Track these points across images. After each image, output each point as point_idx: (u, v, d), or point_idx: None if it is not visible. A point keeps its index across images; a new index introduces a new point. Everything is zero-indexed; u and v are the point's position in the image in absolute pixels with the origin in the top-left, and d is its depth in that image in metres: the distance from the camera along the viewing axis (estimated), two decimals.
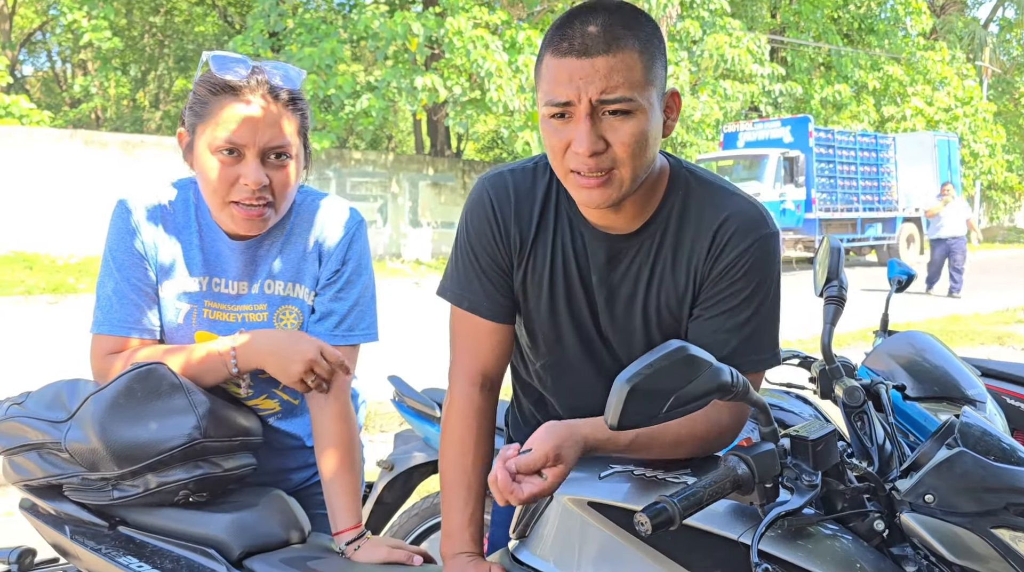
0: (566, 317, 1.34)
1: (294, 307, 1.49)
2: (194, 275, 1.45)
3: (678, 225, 1.27)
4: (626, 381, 0.94)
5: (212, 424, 1.32)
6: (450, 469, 1.33)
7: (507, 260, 1.33)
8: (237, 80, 1.34)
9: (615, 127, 1.13)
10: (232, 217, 1.37)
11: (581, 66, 1.10)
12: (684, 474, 1.17)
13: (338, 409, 1.45)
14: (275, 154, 1.36)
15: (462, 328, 1.35)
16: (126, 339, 1.41)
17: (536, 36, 15.61)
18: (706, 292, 1.26)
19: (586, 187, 1.17)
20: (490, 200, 1.32)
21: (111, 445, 1.24)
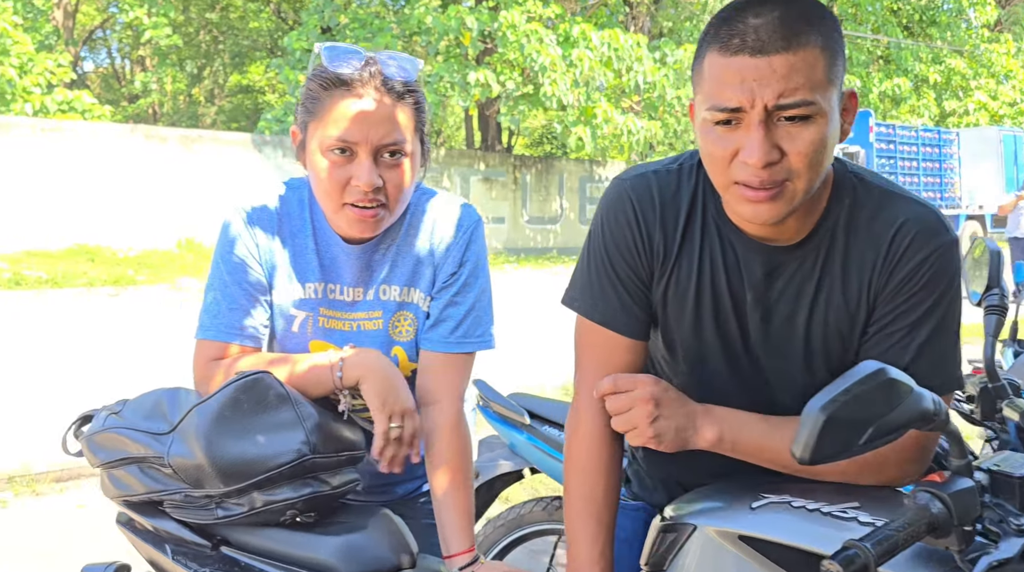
0: (712, 335, 1.21)
1: (409, 313, 1.40)
2: (310, 281, 1.37)
3: (846, 235, 1.13)
4: (820, 409, 0.82)
5: (321, 439, 1.23)
6: (577, 499, 1.22)
7: (648, 271, 1.21)
8: (349, 73, 1.25)
9: (792, 135, 1.00)
10: (347, 219, 1.29)
11: (756, 65, 0.97)
12: (853, 508, 1.04)
13: (452, 420, 1.36)
14: (389, 152, 1.26)
15: (592, 343, 1.23)
16: (230, 345, 1.33)
17: (591, 30, 15.43)
18: (882, 308, 1.12)
19: (753, 201, 1.03)
20: (632, 204, 1.20)
21: (217, 461, 1.16)
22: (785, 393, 1.22)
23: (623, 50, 15.55)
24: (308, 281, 1.37)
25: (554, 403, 2.35)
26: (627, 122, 15.91)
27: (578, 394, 1.25)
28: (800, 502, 1.07)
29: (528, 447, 2.25)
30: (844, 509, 1.04)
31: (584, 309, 1.23)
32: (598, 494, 1.21)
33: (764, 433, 1.12)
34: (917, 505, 0.90)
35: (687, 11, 18.41)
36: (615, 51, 15.46)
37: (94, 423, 1.29)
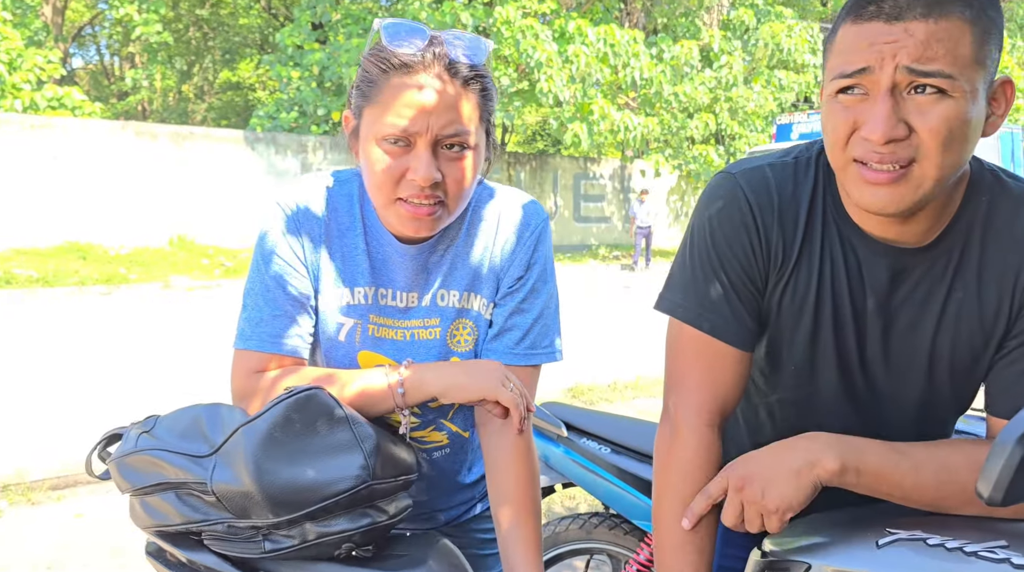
0: (830, 348, 1.09)
1: (469, 321, 1.26)
2: (360, 285, 1.22)
3: (983, 238, 1.01)
4: (1018, 442, 0.70)
5: (380, 462, 1.09)
6: (676, 526, 1.09)
7: (763, 276, 1.08)
8: (410, 54, 1.10)
9: (924, 109, 0.89)
10: (399, 216, 1.14)
11: (890, 30, 0.88)
12: (1002, 548, 0.91)
13: (522, 445, 1.22)
14: (449, 144, 1.12)
15: (697, 354, 1.10)
16: (274, 357, 1.19)
17: (586, 25, 15.31)
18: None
19: (873, 183, 0.92)
20: (748, 201, 1.07)
21: (267, 489, 1.03)
22: (898, 412, 1.11)
23: (619, 46, 15.44)
24: (357, 285, 1.23)
25: (591, 413, 2.23)
26: (624, 118, 15.80)
27: (678, 411, 1.11)
28: (936, 540, 0.95)
29: (565, 461, 2.12)
30: (992, 548, 0.91)
31: (690, 317, 1.10)
32: (700, 524, 1.08)
33: (890, 461, 0.99)
34: None
35: (682, 6, 18.29)
36: (611, 47, 15.35)
37: (124, 443, 1.15)
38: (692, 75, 16.80)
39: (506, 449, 1.22)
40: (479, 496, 1.44)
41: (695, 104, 17.12)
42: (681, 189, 20.95)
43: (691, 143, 18.54)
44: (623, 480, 2.01)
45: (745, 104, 17.72)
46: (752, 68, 18.38)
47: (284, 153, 15.74)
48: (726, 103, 17.82)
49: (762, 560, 1.09)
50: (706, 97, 17.10)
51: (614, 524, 2.14)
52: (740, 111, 17.92)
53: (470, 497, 1.42)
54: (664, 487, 1.11)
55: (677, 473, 1.10)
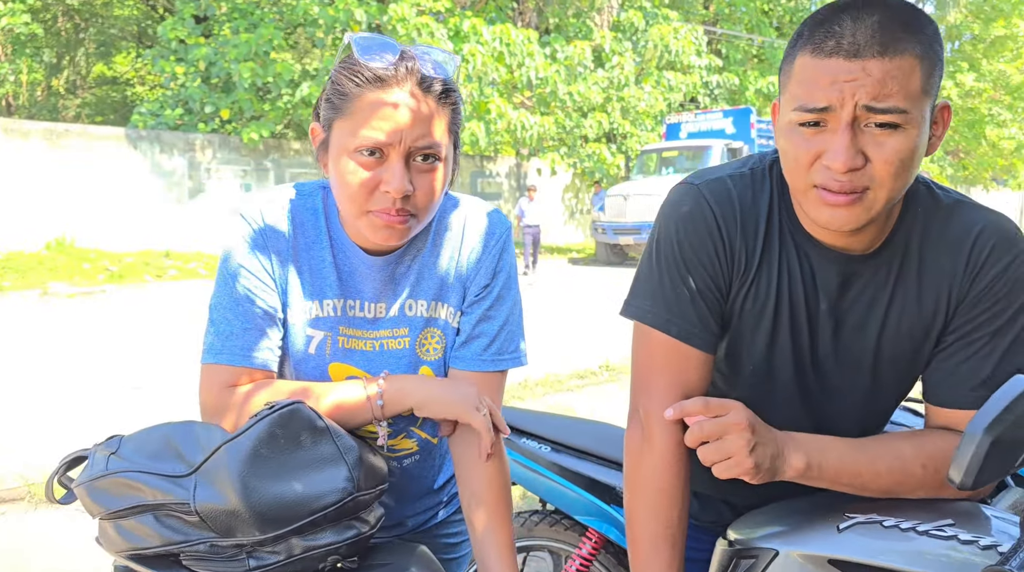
0: (787, 349, 1.17)
1: (437, 330, 1.28)
2: (328, 298, 1.23)
3: (921, 244, 1.12)
4: (985, 431, 0.78)
5: (363, 474, 1.10)
6: (650, 524, 1.15)
7: (727, 282, 1.15)
8: (383, 68, 1.12)
9: (879, 142, 0.98)
10: (372, 225, 1.15)
11: (850, 68, 0.95)
12: (948, 525, 1.02)
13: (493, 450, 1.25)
14: (422, 156, 1.14)
15: (666, 359, 1.16)
16: (245, 371, 1.18)
17: (481, 24, 15.38)
18: (962, 316, 1.11)
19: (831, 205, 1.01)
20: (712, 211, 1.14)
21: (255, 505, 1.02)
22: (845, 406, 1.20)
23: (515, 45, 15.59)
24: (326, 297, 1.23)
25: (530, 414, 2.27)
26: (520, 117, 15.97)
27: (647, 413, 1.17)
28: (891, 521, 1.04)
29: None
30: (940, 527, 1.01)
31: (658, 322, 1.16)
32: (673, 518, 1.15)
33: (847, 456, 1.09)
34: None
35: (574, 7, 18.64)
36: (507, 46, 15.48)
37: (92, 467, 1.10)
38: (585, 75, 17.16)
39: (477, 455, 1.24)
40: (445, 501, 1.46)
41: (589, 103, 17.49)
42: (576, 187, 21.36)
43: (585, 142, 18.93)
44: (564, 477, 2.06)
45: (636, 104, 18.25)
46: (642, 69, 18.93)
47: (170, 151, 15.08)
48: (618, 103, 18.29)
49: (729, 549, 1.16)
50: (599, 97, 17.50)
51: (554, 521, 2.20)
52: (632, 110, 18.44)
53: (437, 502, 1.44)
54: (636, 486, 1.17)
55: (649, 472, 1.15)
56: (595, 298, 11.25)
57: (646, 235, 16.12)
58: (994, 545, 0.98)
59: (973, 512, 1.07)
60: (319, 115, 1.19)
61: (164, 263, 13.50)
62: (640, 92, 18.33)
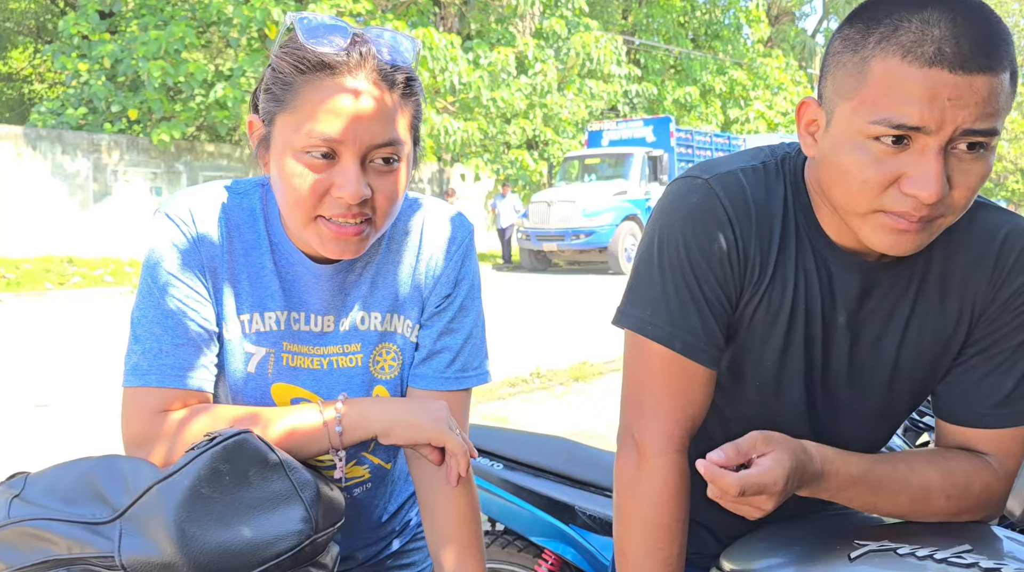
0: (800, 363, 1.05)
1: (393, 346, 1.14)
2: (270, 310, 1.07)
3: (944, 249, 1.01)
4: None
5: (321, 512, 0.96)
6: (647, 561, 1.02)
7: (738, 291, 1.03)
8: (333, 54, 0.96)
9: (966, 168, 0.86)
10: (320, 235, 1.00)
11: (955, 83, 0.81)
12: (967, 552, 0.94)
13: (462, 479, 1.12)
14: (382, 157, 1.00)
15: (668, 375, 1.03)
16: (179, 393, 1.01)
17: (403, 28, 15.15)
18: (984, 328, 1.02)
19: (899, 231, 0.89)
20: (725, 210, 1.00)
21: (196, 557, 0.86)
22: (852, 424, 1.11)
23: (437, 50, 15.42)
24: (267, 310, 1.07)
25: (481, 429, 2.15)
26: (443, 123, 15.81)
27: (645, 437, 1.04)
28: (906, 549, 0.96)
29: None
30: (959, 554, 0.93)
31: (661, 336, 1.02)
32: (672, 556, 1.03)
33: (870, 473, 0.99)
34: None
35: (496, 13, 18.61)
36: (430, 50, 15.30)
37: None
38: (509, 81, 17.12)
39: (444, 483, 1.11)
40: (398, 531, 1.32)
41: (512, 110, 17.46)
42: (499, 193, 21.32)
43: (508, 148, 18.90)
44: (519, 496, 1.95)
45: (559, 111, 18.33)
46: (564, 76, 19.04)
47: (73, 153, 14.30)
48: (541, 109, 18.33)
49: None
50: (522, 103, 17.49)
51: (507, 542, 2.08)
52: (554, 118, 18.51)
53: (389, 532, 1.30)
54: (630, 520, 1.04)
55: (647, 504, 1.03)
56: (521, 305, 11.18)
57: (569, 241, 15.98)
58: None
59: (988, 535, 1.00)
60: (257, 106, 1.03)
61: (67, 270, 12.75)
62: (563, 99, 18.42)
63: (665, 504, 1.02)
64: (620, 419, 1.10)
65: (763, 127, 24.56)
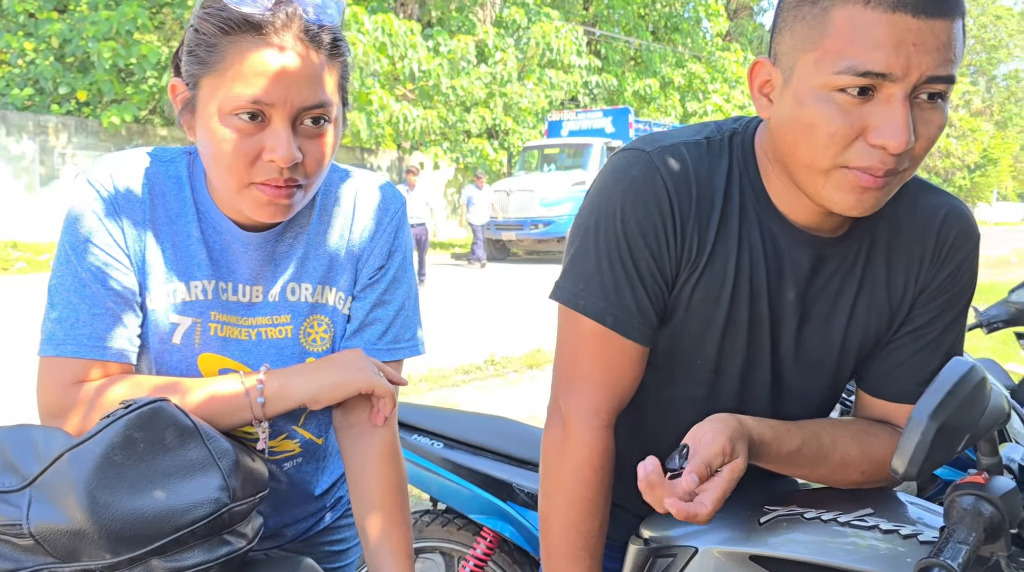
0: (743, 341, 1.03)
1: (324, 317, 1.14)
2: (196, 279, 1.05)
3: (890, 225, 1.01)
4: (930, 417, 0.73)
5: (240, 481, 0.96)
6: (568, 532, 1.04)
7: (675, 269, 1.00)
8: (259, 13, 0.94)
9: (927, 117, 0.85)
10: (254, 201, 0.99)
11: (918, 27, 0.80)
12: (869, 515, 0.98)
13: (386, 447, 1.13)
14: (312, 118, 0.99)
15: (599, 351, 1.02)
16: (97, 364, 1.00)
17: (362, 13, 15.00)
18: (922, 305, 1.03)
19: (863, 188, 0.87)
20: (665, 186, 0.97)
21: (106, 524, 0.85)
22: (797, 404, 1.10)
23: (397, 36, 15.31)
24: (194, 278, 1.06)
25: (421, 409, 2.15)
26: (403, 110, 15.70)
27: (571, 412, 1.04)
28: (812, 513, 0.99)
29: None
30: (860, 517, 0.97)
31: (593, 310, 1.00)
32: (594, 529, 1.04)
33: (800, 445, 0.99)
34: (967, 510, 0.85)
35: (457, 1, 18.52)
36: (389, 37, 15.18)
37: None
38: (468, 70, 17.07)
39: (371, 453, 1.12)
40: (329, 506, 1.32)
41: (472, 98, 17.42)
42: (459, 182, 21.25)
43: (467, 137, 18.85)
44: (458, 474, 1.96)
45: (519, 100, 18.32)
46: (524, 66, 19.03)
47: (18, 134, 13.90)
48: (501, 98, 18.31)
49: (645, 548, 1.08)
50: (482, 92, 17.46)
51: (447, 520, 2.09)
52: (514, 107, 18.50)
53: (320, 508, 1.30)
54: (554, 494, 1.05)
55: (571, 477, 1.03)
56: (479, 293, 11.19)
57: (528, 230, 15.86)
58: (915, 534, 0.95)
59: (891, 500, 1.04)
60: (179, 69, 1.01)
61: (11, 255, 12.42)
62: (523, 89, 18.42)
63: (587, 479, 1.03)
64: (550, 392, 1.10)
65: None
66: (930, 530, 0.96)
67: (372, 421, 1.11)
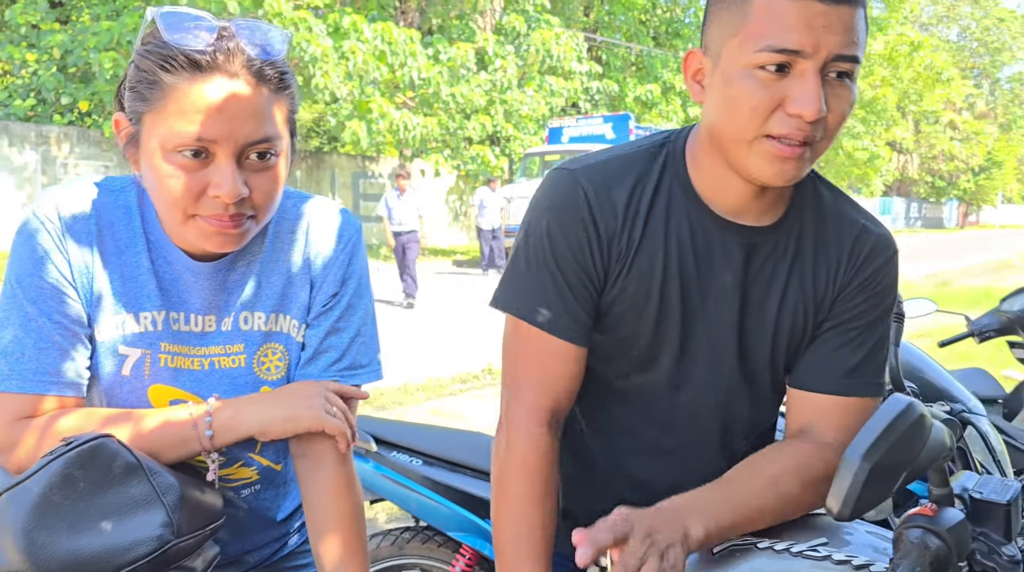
0: (676, 329, 1.10)
1: (279, 345, 1.13)
2: (146, 310, 1.05)
3: (816, 221, 1.11)
4: (863, 458, 0.72)
5: (185, 516, 0.95)
6: (511, 525, 1.08)
7: (603, 271, 1.08)
8: (200, 50, 0.94)
9: (837, 93, 0.96)
10: (200, 231, 0.99)
11: (825, 11, 0.92)
12: (823, 545, 0.97)
13: (342, 480, 1.12)
14: (257, 153, 0.98)
15: (533, 352, 1.09)
16: (44, 398, 1.00)
17: (362, 21, 15.05)
18: (843, 303, 1.11)
19: (783, 158, 0.97)
20: (587, 200, 1.06)
21: (44, 564, 0.85)
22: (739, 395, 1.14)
23: (397, 44, 15.34)
24: (143, 310, 1.06)
25: (401, 425, 2.15)
26: (403, 117, 15.73)
27: (511, 416, 1.10)
28: (765, 543, 0.99)
29: (375, 476, 2.03)
30: (814, 547, 0.96)
31: (524, 312, 1.08)
32: (536, 523, 1.07)
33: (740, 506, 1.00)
34: (914, 543, 0.84)
35: (457, 8, 18.56)
36: (389, 45, 15.21)
37: None
38: (468, 77, 17.09)
39: (325, 483, 1.12)
40: (294, 530, 1.32)
41: (472, 105, 17.43)
42: (460, 189, 21.28)
43: (469, 143, 18.88)
44: (436, 492, 1.96)
45: (519, 107, 18.33)
46: (524, 73, 19.05)
47: (20, 145, 13.96)
48: (501, 105, 18.33)
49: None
50: (482, 99, 17.47)
51: (427, 537, 2.08)
52: (515, 114, 18.51)
53: (283, 534, 1.30)
54: (500, 491, 1.09)
55: (513, 476, 1.08)
56: (478, 300, 11.19)
57: None
58: (867, 564, 0.94)
59: (846, 529, 1.03)
60: (123, 104, 1.00)
61: None
62: (523, 96, 18.42)
63: (528, 476, 1.07)
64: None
65: None
66: (883, 560, 0.95)
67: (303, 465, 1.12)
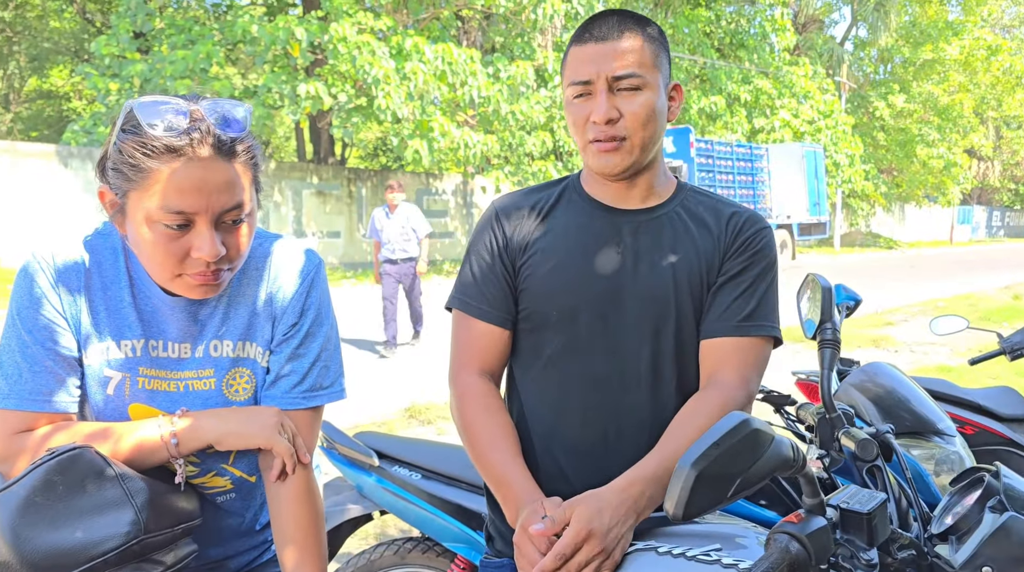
0: (589, 292, 1.35)
1: (246, 370, 1.28)
2: (127, 338, 1.22)
3: (693, 207, 1.40)
4: (691, 466, 0.82)
5: (153, 515, 1.10)
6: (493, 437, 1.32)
7: (511, 260, 1.41)
8: (175, 137, 1.08)
9: (627, 100, 1.29)
10: (186, 285, 1.16)
11: (599, 49, 1.30)
12: (715, 551, 1.05)
13: (301, 487, 1.25)
14: (232, 219, 1.14)
15: (460, 330, 1.44)
16: (39, 416, 1.16)
17: (423, 43, 15.43)
18: (729, 262, 1.36)
19: (602, 152, 1.31)
20: (495, 213, 1.45)
21: (28, 555, 1.00)
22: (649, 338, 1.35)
23: (457, 64, 15.64)
24: (124, 338, 1.22)
25: (403, 441, 2.28)
26: (464, 135, 16.02)
27: (459, 375, 1.40)
28: (665, 547, 1.08)
29: (378, 490, 2.16)
30: (708, 552, 1.05)
31: (452, 302, 1.45)
32: (510, 431, 1.34)
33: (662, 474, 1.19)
34: (778, 547, 0.92)
35: (518, 27, 18.81)
36: (449, 65, 15.53)
37: None
38: (528, 94, 17.29)
39: (285, 493, 1.25)
40: (271, 540, 1.45)
41: (532, 122, 17.62)
42: None
43: (531, 159, 19.06)
44: (433, 505, 2.07)
45: None
46: None
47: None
48: (561, 121, 18.46)
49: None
50: (542, 116, 17.64)
51: (427, 547, 2.20)
52: None
53: (263, 541, 1.43)
54: (468, 412, 1.35)
55: (471, 405, 1.36)
56: None
57: None
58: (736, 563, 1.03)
59: (742, 536, 1.11)
60: (107, 178, 1.15)
61: None
62: None
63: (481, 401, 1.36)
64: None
65: (789, 136, 24.42)
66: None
67: (267, 477, 1.26)
